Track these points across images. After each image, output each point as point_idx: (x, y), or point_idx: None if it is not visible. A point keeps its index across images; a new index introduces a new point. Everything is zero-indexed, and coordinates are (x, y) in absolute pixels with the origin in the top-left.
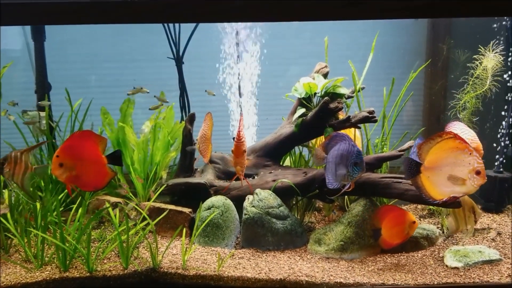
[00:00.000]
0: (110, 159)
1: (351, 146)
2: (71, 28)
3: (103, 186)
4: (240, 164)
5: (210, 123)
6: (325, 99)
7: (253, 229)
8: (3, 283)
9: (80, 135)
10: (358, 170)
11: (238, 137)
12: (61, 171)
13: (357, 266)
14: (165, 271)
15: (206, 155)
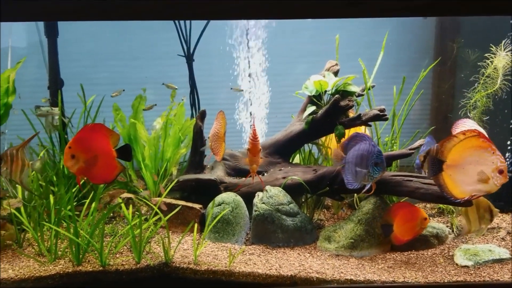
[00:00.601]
0: (120, 153)
1: (372, 146)
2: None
3: (112, 180)
4: (256, 163)
5: (223, 121)
6: (336, 96)
7: (263, 226)
8: (16, 276)
9: (92, 127)
10: (379, 170)
11: (254, 135)
12: (72, 163)
13: (367, 263)
14: (177, 266)
15: (219, 153)
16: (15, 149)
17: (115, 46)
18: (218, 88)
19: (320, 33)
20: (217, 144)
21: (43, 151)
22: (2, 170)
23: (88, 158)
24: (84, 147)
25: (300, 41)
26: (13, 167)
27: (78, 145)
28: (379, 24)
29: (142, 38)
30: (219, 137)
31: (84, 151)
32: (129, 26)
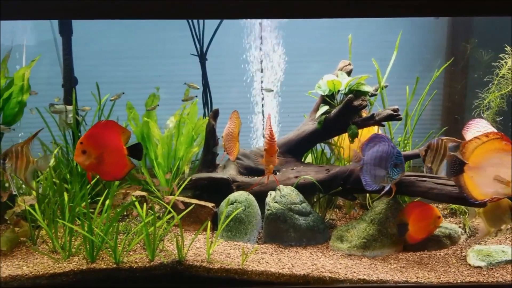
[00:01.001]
0: (131, 151)
1: (391, 147)
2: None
3: (122, 177)
4: (272, 163)
5: (237, 121)
6: (349, 96)
7: (276, 225)
8: (31, 273)
9: (104, 124)
10: (398, 171)
11: (271, 136)
12: (83, 158)
13: (380, 263)
14: (190, 264)
15: (233, 153)
16: (20, 145)
17: (128, 44)
18: (230, 87)
19: (332, 33)
20: (231, 143)
21: (57, 148)
22: (7, 166)
23: (99, 154)
24: (95, 143)
25: (312, 41)
26: (18, 163)
27: (89, 141)
28: (391, 24)
29: (155, 37)
30: (233, 137)
31: (95, 147)
32: (142, 24)
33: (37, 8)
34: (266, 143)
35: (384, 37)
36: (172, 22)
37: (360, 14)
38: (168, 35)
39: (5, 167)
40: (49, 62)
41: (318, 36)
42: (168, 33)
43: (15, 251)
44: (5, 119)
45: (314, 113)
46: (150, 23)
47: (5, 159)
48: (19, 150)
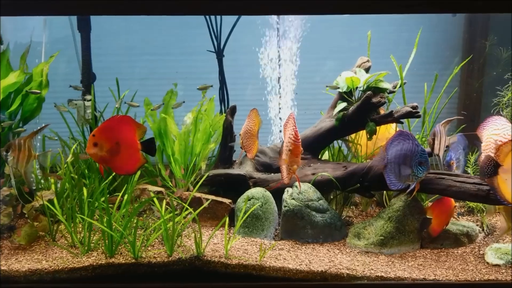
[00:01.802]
0: (145, 146)
1: (415, 145)
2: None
3: (134, 172)
4: (297, 163)
5: (257, 119)
6: (368, 93)
7: (293, 221)
8: (50, 267)
9: (119, 118)
10: (423, 169)
11: (296, 136)
12: (95, 150)
13: (397, 261)
14: (208, 260)
15: (251, 151)
16: (23, 139)
17: (146, 41)
18: (246, 84)
19: (349, 30)
20: (249, 141)
21: (75, 144)
22: (9, 159)
23: (111, 148)
24: (107, 136)
25: (329, 38)
26: (20, 156)
27: (102, 134)
28: (406, 21)
29: (172, 33)
30: (252, 135)
31: (107, 140)
32: (160, 21)
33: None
34: (291, 143)
35: (399, 34)
36: (190, 18)
37: (371, 10)
38: (185, 32)
39: (8, 159)
40: (67, 59)
41: (335, 33)
42: (186, 30)
43: (34, 245)
44: (24, 115)
45: (332, 110)
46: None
47: (8, 151)
48: (21, 144)
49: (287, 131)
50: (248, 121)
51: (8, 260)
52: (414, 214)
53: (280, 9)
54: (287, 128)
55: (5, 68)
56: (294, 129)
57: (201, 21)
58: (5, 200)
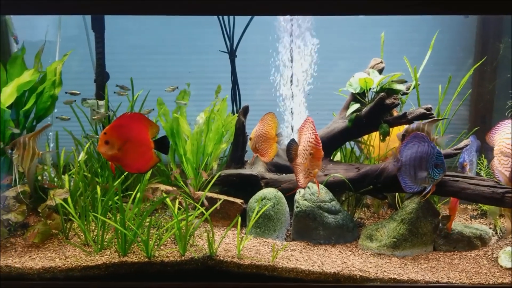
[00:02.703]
0: (157, 144)
1: (431, 147)
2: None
3: (146, 171)
4: (318, 167)
5: (273, 123)
6: (382, 94)
7: (305, 222)
8: (64, 265)
9: (130, 116)
10: (439, 172)
11: (317, 140)
12: (106, 148)
13: (410, 263)
14: (221, 259)
15: (267, 154)
16: (28, 137)
17: (158, 40)
18: (258, 84)
19: (361, 31)
20: (265, 145)
21: (89, 143)
22: (14, 156)
23: (122, 146)
24: (119, 134)
25: (340, 38)
26: (24, 155)
27: (113, 132)
28: (418, 23)
29: (185, 33)
30: (268, 138)
31: (119, 138)
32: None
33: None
34: (312, 147)
35: (411, 35)
36: (202, 18)
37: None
38: (198, 31)
39: (12, 157)
40: (80, 58)
41: (347, 33)
42: (199, 29)
43: (47, 243)
44: (37, 113)
45: (344, 111)
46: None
47: (13, 149)
48: (26, 142)
49: (304, 135)
50: (262, 124)
51: (22, 258)
52: (427, 216)
53: (280, 10)
54: (303, 132)
55: (19, 67)
56: (314, 132)
57: (212, 20)
58: (19, 197)
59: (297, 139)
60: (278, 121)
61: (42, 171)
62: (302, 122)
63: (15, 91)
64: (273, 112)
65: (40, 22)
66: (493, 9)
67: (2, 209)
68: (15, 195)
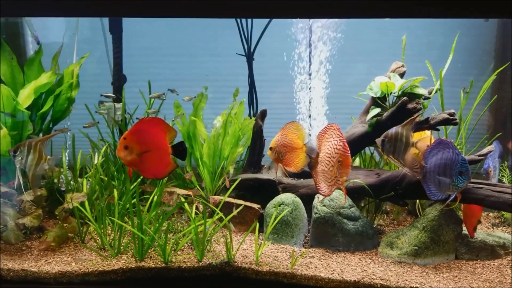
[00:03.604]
0: (175, 150)
1: (455, 154)
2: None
3: (164, 176)
4: (347, 175)
5: (300, 132)
6: (404, 99)
7: (324, 229)
8: (80, 270)
9: (149, 121)
10: (463, 179)
11: (345, 147)
12: (125, 154)
13: (431, 272)
14: (239, 266)
15: (295, 165)
16: (35, 141)
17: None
18: (274, 87)
19: (379, 33)
20: (290, 155)
21: (105, 146)
22: (16, 159)
23: (141, 151)
24: (138, 139)
25: (359, 41)
26: (29, 159)
27: (132, 137)
28: (439, 25)
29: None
30: (294, 148)
31: (138, 143)
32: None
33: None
34: (341, 154)
35: (430, 38)
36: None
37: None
38: (216, 33)
39: (15, 160)
40: (97, 60)
41: (365, 36)
42: (216, 31)
43: (63, 247)
44: (54, 115)
45: (364, 116)
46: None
47: (16, 152)
48: (32, 145)
49: (328, 141)
50: (285, 134)
51: (38, 262)
52: (450, 224)
53: (283, 12)
54: (325, 138)
55: (37, 69)
56: (342, 139)
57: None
58: (35, 200)
59: (316, 145)
60: (305, 131)
61: (58, 173)
62: (323, 128)
63: (33, 93)
64: (296, 121)
65: (54, 24)
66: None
67: (18, 213)
68: (31, 199)
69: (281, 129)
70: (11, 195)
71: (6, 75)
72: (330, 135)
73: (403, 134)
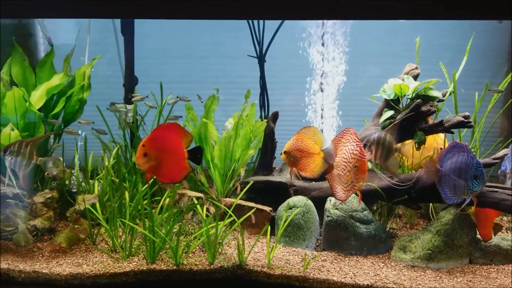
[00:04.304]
0: (191, 154)
1: (470, 158)
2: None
3: (180, 180)
4: (363, 180)
5: (317, 137)
6: (418, 101)
7: (336, 232)
8: (91, 272)
9: (167, 126)
10: (478, 183)
11: (362, 152)
12: (144, 160)
13: (445, 276)
14: (250, 269)
15: (310, 170)
16: (26, 141)
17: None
18: (286, 90)
19: (391, 35)
20: (306, 160)
21: (116, 148)
22: (6, 159)
23: (160, 157)
24: (157, 146)
25: (371, 43)
26: (19, 159)
27: (152, 144)
28: (451, 27)
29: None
30: (311, 154)
31: (157, 150)
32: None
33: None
34: (358, 160)
35: (442, 40)
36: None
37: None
38: (227, 35)
39: (5, 160)
40: (109, 62)
41: (377, 38)
42: (228, 33)
43: (74, 248)
44: (66, 117)
45: (377, 118)
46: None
47: (6, 151)
48: (22, 146)
49: (344, 146)
50: (300, 139)
51: (49, 263)
52: (464, 228)
53: (294, 14)
54: (341, 143)
55: (48, 70)
56: (359, 144)
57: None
58: (46, 202)
59: (331, 149)
60: (323, 136)
61: (69, 175)
62: (339, 133)
63: (44, 94)
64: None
65: (64, 25)
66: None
67: (30, 214)
68: (43, 201)
69: (296, 133)
70: (22, 197)
71: (18, 77)
72: (347, 139)
73: (386, 139)
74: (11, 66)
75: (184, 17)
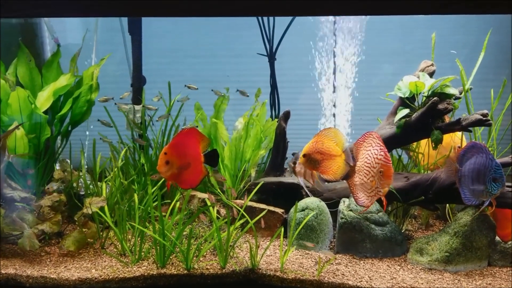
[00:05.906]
0: (207, 158)
1: (489, 159)
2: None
3: (198, 184)
4: (388, 185)
5: (338, 138)
6: (434, 99)
7: (350, 234)
8: (100, 276)
9: (186, 133)
10: (497, 186)
11: (387, 157)
12: (166, 168)
13: (464, 279)
14: (263, 273)
15: (333, 172)
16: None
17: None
18: (297, 88)
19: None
20: (327, 162)
21: (125, 149)
22: None
23: (181, 164)
24: (178, 153)
25: (383, 40)
26: None
27: (173, 151)
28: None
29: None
30: (332, 155)
31: (178, 157)
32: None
33: None
34: (383, 165)
35: (455, 37)
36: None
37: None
38: (237, 34)
39: None
40: (116, 61)
41: (390, 36)
42: (237, 32)
43: (82, 252)
44: (73, 118)
45: (392, 117)
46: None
47: None
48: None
49: (367, 150)
50: (321, 141)
51: (57, 268)
52: (483, 230)
53: (305, 11)
54: (363, 147)
55: (55, 71)
56: (383, 149)
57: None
58: (54, 206)
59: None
60: (344, 137)
61: (77, 177)
62: (361, 136)
63: (51, 95)
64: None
65: (71, 25)
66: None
67: (37, 218)
68: (50, 204)
69: (315, 135)
70: (30, 200)
71: (24, 78)
72: (369, 143)
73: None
74: (17, 67)
75: (192, 15)
